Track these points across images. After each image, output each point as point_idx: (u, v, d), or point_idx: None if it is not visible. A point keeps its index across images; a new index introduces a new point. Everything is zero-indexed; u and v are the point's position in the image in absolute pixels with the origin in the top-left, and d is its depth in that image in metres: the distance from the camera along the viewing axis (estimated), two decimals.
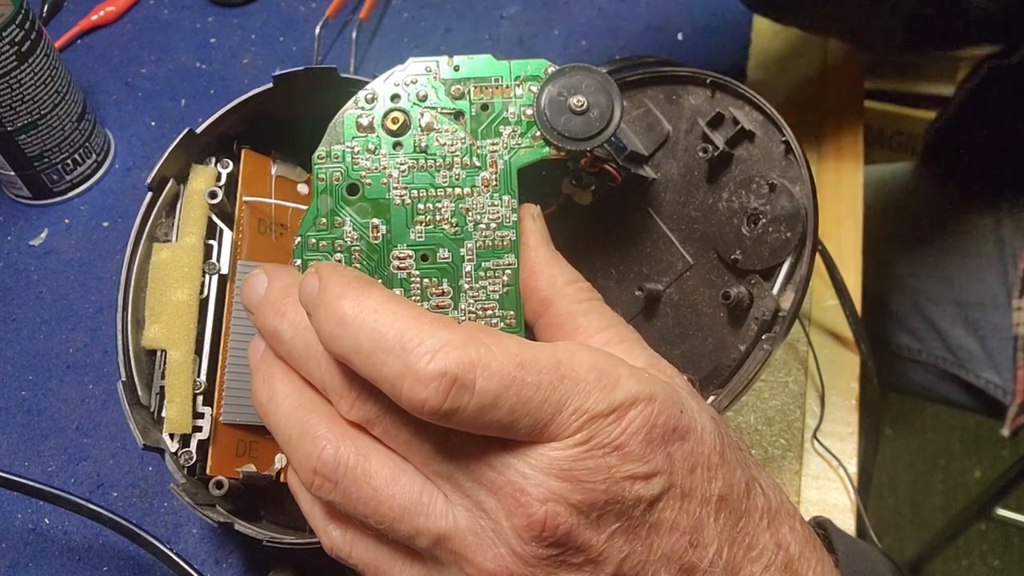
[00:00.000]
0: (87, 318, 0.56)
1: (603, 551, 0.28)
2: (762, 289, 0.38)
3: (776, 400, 0.52)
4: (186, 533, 0.48)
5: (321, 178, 0.36)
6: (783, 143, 0.39)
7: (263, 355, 0.34)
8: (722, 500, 0.30)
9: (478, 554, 0.29)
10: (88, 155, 0.62)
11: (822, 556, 0.32)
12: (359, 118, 0.36)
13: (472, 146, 0.35)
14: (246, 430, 0.41)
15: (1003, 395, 0.82)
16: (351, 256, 0.35)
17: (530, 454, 0.28)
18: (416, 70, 0.36)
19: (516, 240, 0.35)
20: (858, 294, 0.56)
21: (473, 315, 0.35)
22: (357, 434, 0.31)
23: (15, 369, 0.54)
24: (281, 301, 0.33)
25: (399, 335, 0.28)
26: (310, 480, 0.30)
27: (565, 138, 0.35)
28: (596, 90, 0.35)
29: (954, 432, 1.54)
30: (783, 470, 0.50)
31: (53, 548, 0.47)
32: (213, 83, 0.68)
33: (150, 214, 0.42)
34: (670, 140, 0.42)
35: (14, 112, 0.56)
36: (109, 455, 0.50)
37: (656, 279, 0.42)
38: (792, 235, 0.38)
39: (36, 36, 0.55)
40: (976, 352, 0.84)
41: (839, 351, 0.55)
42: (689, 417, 0.30)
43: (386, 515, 0.29)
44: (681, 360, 0.41)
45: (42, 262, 0.59)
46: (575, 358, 0.29)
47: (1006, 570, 1.40)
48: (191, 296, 0.41)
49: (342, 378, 0.31)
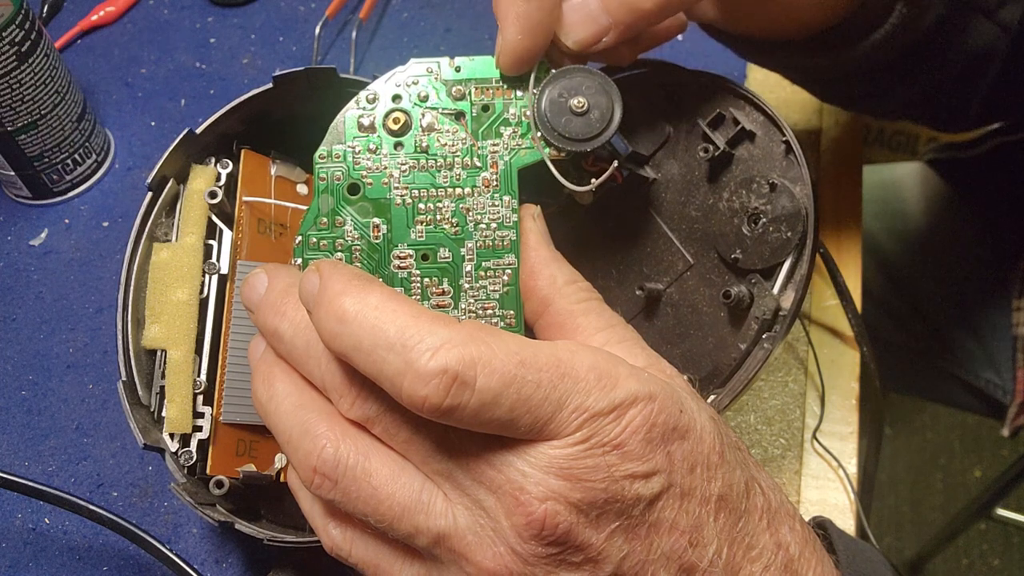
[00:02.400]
0: (87, 318, 0.56)
1: (602, 550, 0.28)
2: (762, 289, 0.38)
3: (776, 400, 0.52)
4: (186, 533, 0.48)
5: (322, 177, 0.36)
6: (783, 143, 0.39)
7: (263, 354, 0.34)
8: (721, 500, 0.30)
9: (477, 553, 0.29)
10: (88, 155, 0.62)
11: (822, 556, 0.32)
12: (360, 118, 0.36)
13: (473, 146, 0.36)
14: (246, 430, 0.41)
15: (1003, 395, 0.82)
16: (352, 255, 0.35)
17: (530, 452, 0.28)
18: (417, 71, 0.36)
19: (516, 240, 0.35)
20: (858, 294, 0.56)
21: (473, 314, 0.35)
22: (357, 433, 0.31)
23: (15, 369, 0.54)
24: (281, 300, 0.33)
25: (400, 332, 0.28)
26: (310, 479, 0.30)
27: (565, 139, 0.35)
28: (596, 91, 0.35)
29: (954, 432, 1.55)
30: (783, 470, 0.50)
31: (53, 548, 0.47)
32: (213, 83, 0.68)
33: (150, 214, 0.42)
34: (670, 140, 0.42)
35: (14, 112, 0.56)
36: (109, 455, 0.50)
37: (656, 279, 0.42)
38: (792, 235, 0.38)
39: (36, 36, 0.55)
40: (976, 352, 0.84)
41: (839, 351, 0.55)
42: (689, 417, 0.30)
43: (386, 514, 0.30)
44: (681, 359, 0.41)
45: (42, 262, 0.59)
46: (575, 357, 0.29)
47: (1006, 570, 1.40)
48: (191, 296, 0.41)
49: (342, 377, 0.31)
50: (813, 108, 0.66)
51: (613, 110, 0.35)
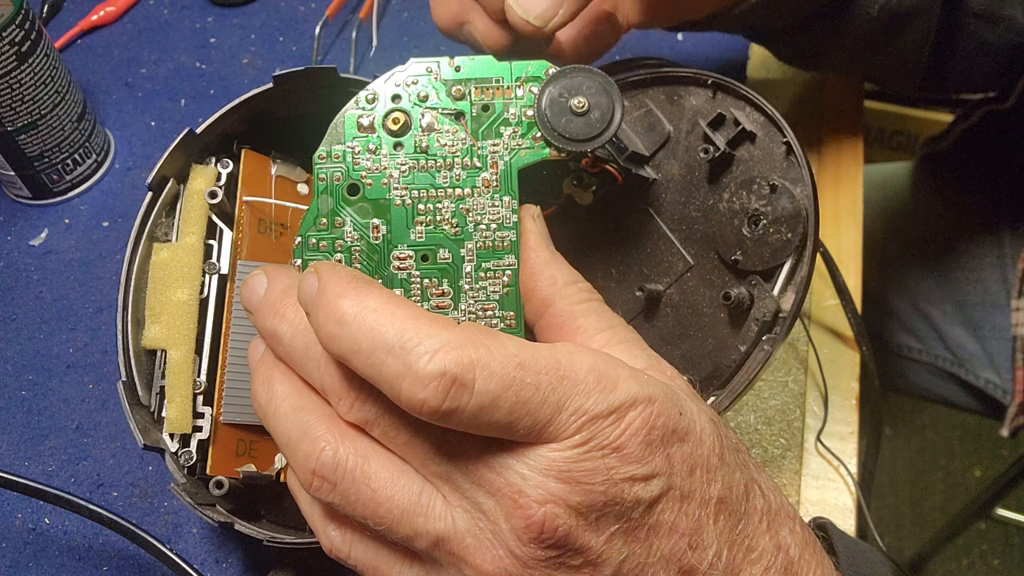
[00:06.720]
0: (87, 318, 0.56)
1: (602, 553, 0.28)
2: (763, 290, 0.38)
3: (776, 400, 0.52)
4: (186, 533, 0.48)
5: (322, 178, 0.36)
6: (784, 144, 0.39)
7: (263, 356, 0.34)
8: (721, 502, 0.30)
9: (477, 555, 0.29)
10: (88, 155, 0.62)
11: (822, 558, 0.32)
12: (360, 118, 0.36)
13: (473, 147, 0.35)
14: (246, 430, 0.41)
15: (1003, 395, 0.82)
16: (351, 256, 0.35)
17: (529, 455, 0.28)
18: (417, 71, 0.36)
19: (516, 241, 0.35)
20: (858, 294, 0.56)
21: (473, 315, 0.35)
22: (356, 435, 0.31)
23: (15, 369, 0.54)
24: (280, 302, 0.33)
25: (398, 335, 0.28)
26: (309, 481, 0.30)
27: (566, 139, 0.35)
28: (597, 91, 0.35)
29: (954, 432, 1.54)
30: (783, 470, 0.50)
31: (53, 548, 0.47)
32: (213, 83, 0.68)
33: (150, 214, 0.42)
34: (671, 141, 0.42)
35: (14, 112, 0.56)
36: (109, 455, 0.50)
37: (656, 280, 0.42)
38: (793, 236, 0.38)
39: (36, 36, 0.55)
40: (976, 352, 0.84)
41: (839, 351, 0.55)
42: (688, 419, 0.30)
43: (385, 516, 0.29)
44: (681, 361, 0.41)
45: (42, 262, 0.59)
46: (574, 359, 0.29)
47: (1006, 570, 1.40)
48: (191, 296, 0.41)
49: (341, 379, 0.31)
50: (814, 108, 0.66)
51: (613, 110, 0.35)
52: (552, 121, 0.35)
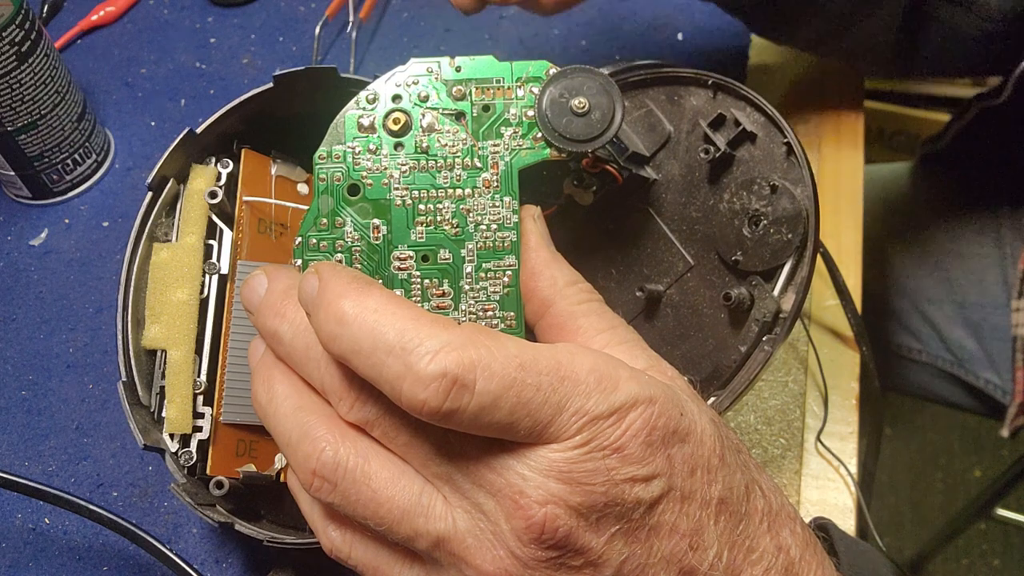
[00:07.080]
0: (87, 318, 0.56)
1: (602, 553, 0.28)
2: (763, 290, 0.38)
3: (776, 400, 0.52)
4: (186, 533, 0.48)
5: (322, 178, 0.35)
6: (785, 144, 0.39)
7: (263, 356, 0.34)
8: (722, 503, 0.30)
9: (477, 556, 0.29)
10: (88, 155, 0.62)
11: (823, 559, 0.32)
12: (360, 118, 0.36)
13: (473, 147, 0.35)
14: (246, 430, 0.41)
15: (1003, 395, 0.82)
16: (352, 256, 0.35)
17: (529, 456, 0.28)
18: (418, 71, 0.36)
19: (517, 241, 0.35)
20: (858, 294, 0.56)
21: (473, 316, 0.35)
22: (357, 436, 0.31)
23: (15, 369, 0.54)
24: (281, 302, 0.33)
25: (399, 335, 0.28)
26: (309, 482, 0.30)
27: (566, 140, 0.35)
28: (597, 92, 0.35)
29: (954, 432, 1.54)
30: (783, 470, 0.50)
31: (53, 548, 0.47)
32: (213, 83, 0.68)
33: (150, 214, 0.42)
34: (671, 141, 0.42)
35: (14, 112, 0.56)
36: (109, 455, 0.50)
37: (657, 280, 0.42)
38: (793, 237, 0.38)
39: (36, 36, 0.55)
40: (976, 352, 0.84)
41: (839, 351, 0.55)
42: (689, 420, 0.30)
43: (385, 517, 0.29)
44: (682, 361, 0.41)
45: (42, 262, 0.59)
46: (575, 360, 0.29)
47: (1006, 570, 1.40)
48: (191, 296, 0.41)
49: (342, 379, 0.31)
50: (814, 108, 0.66)
51: (614, 111, 0.35)
52: (553, 121, 0.35)
